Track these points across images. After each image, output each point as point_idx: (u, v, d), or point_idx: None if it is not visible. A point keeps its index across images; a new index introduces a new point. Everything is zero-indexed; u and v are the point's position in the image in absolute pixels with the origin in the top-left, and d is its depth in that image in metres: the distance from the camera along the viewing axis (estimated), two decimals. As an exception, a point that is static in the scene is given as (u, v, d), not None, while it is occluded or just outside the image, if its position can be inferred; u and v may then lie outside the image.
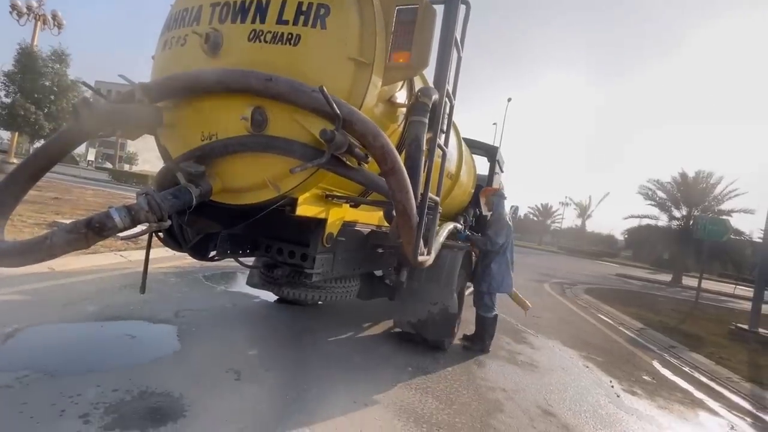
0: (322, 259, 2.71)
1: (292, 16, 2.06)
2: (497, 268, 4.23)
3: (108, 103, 2.10)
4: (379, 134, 1.92)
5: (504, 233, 4.25)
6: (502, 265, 4.25)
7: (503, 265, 4.25)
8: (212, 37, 2.15)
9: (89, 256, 5.20)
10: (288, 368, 3.06)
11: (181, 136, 2.35)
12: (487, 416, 2.86)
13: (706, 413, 3.73)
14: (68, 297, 3.70)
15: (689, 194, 22.45)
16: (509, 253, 4.30)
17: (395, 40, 2.20)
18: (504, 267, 4.25)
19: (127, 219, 1.88)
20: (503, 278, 4.24)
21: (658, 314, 8.92)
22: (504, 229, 4.27)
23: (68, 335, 3.04)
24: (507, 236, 4.28)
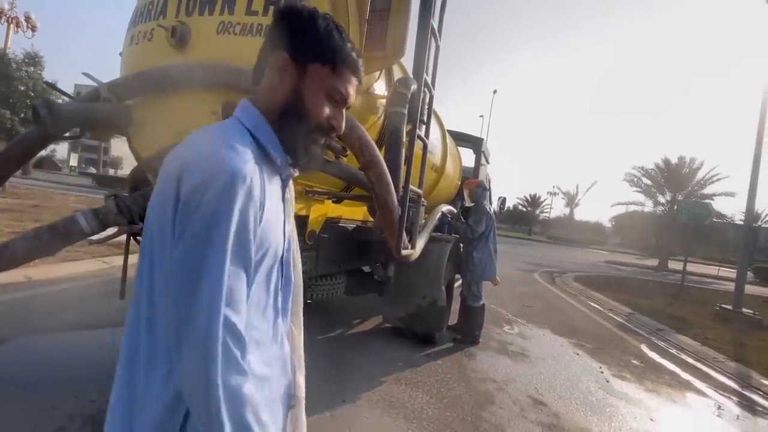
0: (304, 257, 2.65)
1: (262, 6, 1.98)
2: (479, 257, 4.26)
3: (71, 104, 2.01)
4: (355, 126, 1.87)
5: (484, 222, 4.29)
6: (484, 254, 4.27)
7: (485, 253, 4.28)
8: (179, 30, 2.06)
9: (70, 264, 5.06)
10: (276, 369, 3.00)
11: (152, 135, 2.26)
12: (478, 408, 2.85)
13: (693, 394, 3.78)
14: (46, 307, 3.58)
15: (673, 180, 22.86)
16: (491, 243, 4.31)
17: (370, 29, 2.14)
18: (486, 255, 4.28)
19: (94, 223, 1.80)
20: (486, 266, 4.27)
21: (646, 299, 9.06)
22: (484, 217, 4.29)
23: (45, 346, 2.93)
24: (487, 225, 4.31)
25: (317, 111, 0.75)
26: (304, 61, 0.73)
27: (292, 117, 0.74)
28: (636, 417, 3.08)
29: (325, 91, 0.74)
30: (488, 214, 4.37)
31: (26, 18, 16.36)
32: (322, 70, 0.73)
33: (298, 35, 0.72)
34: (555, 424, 2.79)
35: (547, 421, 2.81)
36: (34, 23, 16.58)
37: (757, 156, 7.66)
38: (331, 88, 0.75)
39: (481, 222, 4.29)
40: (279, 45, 0.72)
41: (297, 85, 0.73)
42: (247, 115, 0.74)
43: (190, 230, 0.61)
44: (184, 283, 0.60)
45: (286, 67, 0.72)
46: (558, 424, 2.80)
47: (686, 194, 22.21)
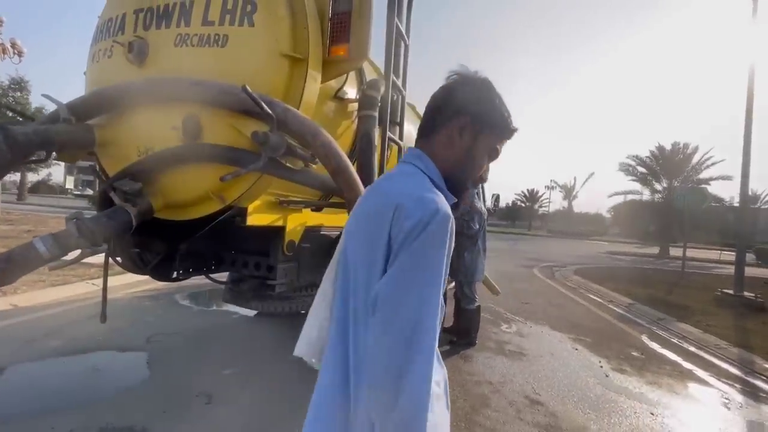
0: (284, 268, 2.59)
1: (218, 16, 1.94)
2: (470, 257, 4.20)
3: (28, 127, 1.95)
4: (319, 132, 1.82)
5: (477, 219, 4.23)
6: (473, 254, 4.21)
7: (475, 253, 4.22)
8: (136, 45, 2.02)
9: (58, 288, 5.00)
10: (263, 385, 2.93)
11: (117, 154, 2.22)
12: (473, 413, 2.78)
13: (695, 384, 3.71)
14: (29, 334, 3.51)
15: (668, 166, 22.82)
16: (481, 242, 4.25)
17: (333, 33, 2.10)
18: (476, 255, 4.22)
19: (54, 248, 1.74)
20: (476, 266, 4.21)
21: (647, 288, 8.98)
22: (476, 216, 4.25)
23: (25, 376, 2.86)
24: (480, 222, 4.26)
25: (480, 167, 0.92)
26: (481, 129, 0.87)
27: (461, 170, 0.89)
28: (636, 412, 3.00)
29: (488, 152, 0.91)
30: (480, 214, 4.31)
31: (12, 44, 16.34)
32: (492, 137, 0.89)
33: (480, 105, 0.86)
34: (552, 424, 2.72)
35: (544, 422, 2.73)
36: (20, 49, 16.48)
37: (747, 138, 7.62)
38: (493, 150, 0.92)
39: (475, 220, 4.25)
40: (463, 109, 0.86)
41: (470, 146, 0.88)
42: (424, 164, 0.87)
43: (409, 254, 0.71)
44: (404, 310, 0.70)
45: (466, 129, 0.86)
46: (555, 423, 2.73)
47: (682, 180, 22.16)
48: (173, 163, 1.96)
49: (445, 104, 0.88)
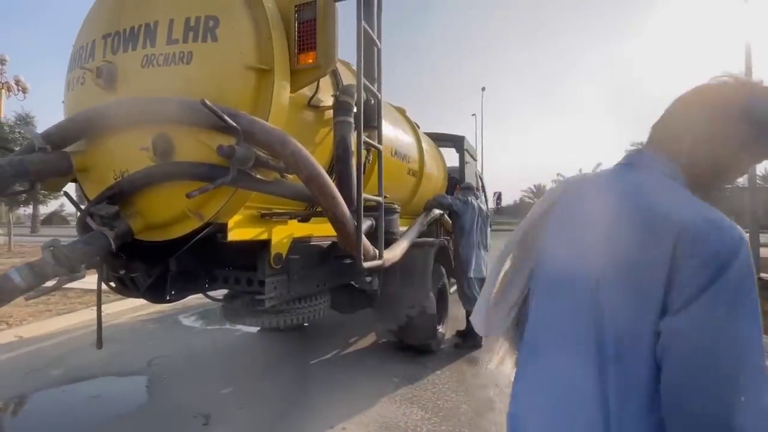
0: (273, 281, 2.56)
1: (182, 33, 1.94)
2: (464, 252, 4.16)
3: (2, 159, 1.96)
4: (287, 141, 1.79)
5: (467, 209, 4.25)
6: (466, 248, 4.16)
7: (467, 247, 4.16)
8: (104, 70, 2.03)
9: (64, 317, 5.04)
10: (263, 402, 2.89)
11: (96, 179, 2.22)
12: (477, 417, 2.69)
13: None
14: (32, 364, 3.52)
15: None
16: (475, 236, 4.18)
17: (300, 41, 2.09)
18: (469, 249, 4.16)
19: (30, 277, 1.73)
20: (470, 261, 4.13)
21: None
22: (468, 208, 4.27)
23: (26, 407, 2.86)
24: (472, 217, 4.23)
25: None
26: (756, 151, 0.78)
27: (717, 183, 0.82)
28: (649, 406, 2.88)
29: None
30: (473, 207, 4.29)
31: (16, 81, 16.87)
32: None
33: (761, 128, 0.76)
34: (560, 425, 2.62)
35: (552, 423, 2.63)
36: (24, 85, 17.07)
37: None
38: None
39: (465, 208, 4.26)
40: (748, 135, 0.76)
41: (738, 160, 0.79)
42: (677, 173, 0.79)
43: (715, 294, 0.62)
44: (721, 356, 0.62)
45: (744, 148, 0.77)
46: (563, 424, 2.62)
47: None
48: (147, 184, 1.95)
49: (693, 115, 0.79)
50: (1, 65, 16.78)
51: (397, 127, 4.10)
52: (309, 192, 1.96)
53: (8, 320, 4.71)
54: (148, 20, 2.01)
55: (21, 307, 5.15)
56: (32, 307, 5.25)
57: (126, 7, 2.13)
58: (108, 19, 2.17)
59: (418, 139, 4.68)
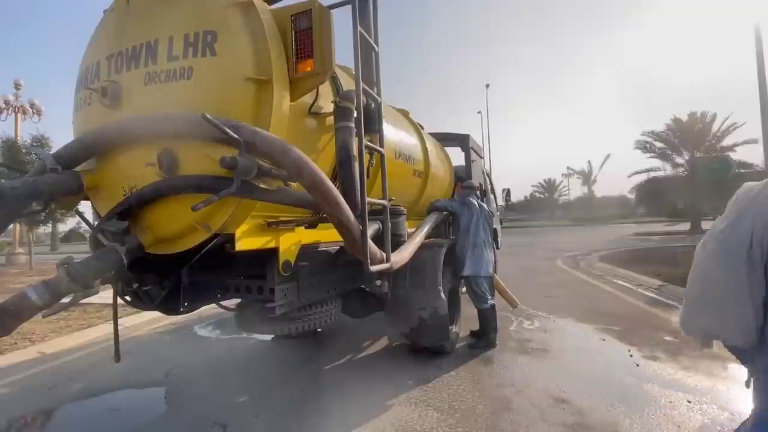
0: (283, 289, 2.57)
1: (182, 50, 1.98)
2: (459, 251, 4.15)
3: (16, 181, 2.02)
4: (288, 149, 1.81)
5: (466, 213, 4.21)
6: (461, 248, 4.14)
7: (462, 247, 4.14)
8: (109, 90, 2.08)
9: (82, 332, 5.15)
10: (279, 409, 2.91)
11: (106, 196, 2.27)
12: (493, 418, 2.66)
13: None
14: (54, 380, 3.61)
15: (687, 138, 21.94)
16: (473, 236, 4.11)
17: (297, 50, 2.11)
18: (463, 249, 4.12)
19: (46, 295, 1.78)
20: (463, 260, 4.09)
21: (677, 267, 8.53)
22: (456, 201, 4.33)
23: (48, 422, 2.93)
24: (468, 215, 4.19)
25: None
26: None
27: None
28: (671, 401, 2.81)
29: None
30: (470, 207, 4.25)
31: (31, 105, 17.37)
32: None
33: None
34: (578, 422, 2.57)
35: (570, 421, 2.59)
36: (38, 108, 17.57)
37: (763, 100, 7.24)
38: None
39: (462, 209, 4.24)
40: None
41: None
42: None
43: None
44: None
45: None
46: (582, 422, 2.58)
47: (705, 150, 21.22)
48: (154, 199, 1.99)
49: None
50: (15, 89, 17.30)
51: (399, 129, 4.10)
52: (313, 199, 1.97)
53: (31, 337, 4.83)
54: (148, 38, 2.06)
55: (43, 324, 5.28)
56: (53, 324, 5.39)
57: (127, 27, 2.19)
58: (111, 39, 2.23)
59: (422, 139, 4.67)
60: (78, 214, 2.44)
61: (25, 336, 4.83)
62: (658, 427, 2.48)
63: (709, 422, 2.52)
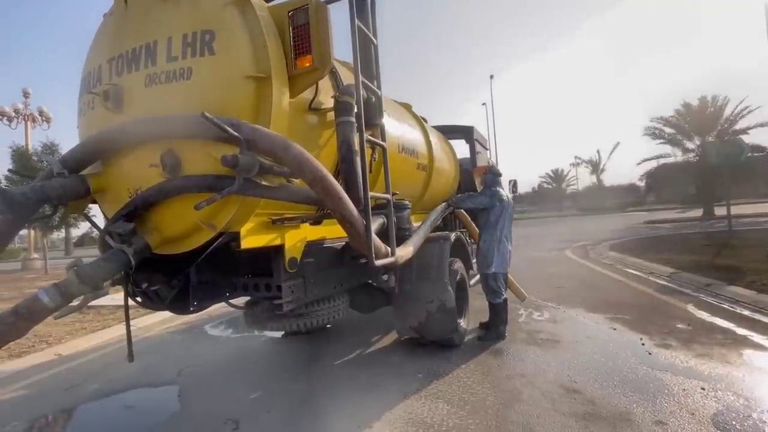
0: (290, 285, 2.59)
1: (180, 50, 1.99)
2: (485, 246, 4.06)
3: (24, 187, 2.06)
4: (289, 146, 1.81)
5: (487, 198, 4.07)
6: (488, 243, 4.04)
7: (489, 242, 4.04)
8: (111, 92, 2.10)
9: (97, 333, 5.25)
10: (290, 405, 2.93)
11: (113, 198, 2.30)
12: (504, 409, 2.65)
13: (752, 350, 3.40)
14: (70, 381, 3.69)
15: (698, 122, 21.48)
16: (500, 230, 4.05)
17: (296, 46, 2.10)
18: (491, 244, 4.02)
19: (57, 297, 1.82)
20: (492, 256, 4.00)
21: (690, 254, 8.42)
22: (486, 197, 4.08)
23: (65, 422, 3.00)
24: (498, 209, 4.03)
25: None
26: None
27: None
28: (684, 389, 2.77)
29: None
30: (499, 198, 4.06)
31: (40, 112, 17.65)
32: None
33: None
34: (590, 412, 2.55)
35: (582, 411, 2.57)
36: (47, 116, 17.86)
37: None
38: None
39: (483, 197, 4.09)
40: None
41: None
42: None
43: None
44: None
45: None
46: (594, 411, 2.56)
47: (717, 134, 20.76)
48: (159, 200, 2.01)
49: None
50: (24, 98, 17.59)
51: (402, 122, 4.08)
52: (315, 194, 1.97)
53: (47, 339, 4.94)
54: (148, 40, 2.07)
55: (59, 326, 5.40)
56: (69, 326, 5.50)
57: (127, 30, 2.20)
58: (111, 42, 2.25)
59: (425, 133, 4.65)
60: (86, 217, 2.48)
61: (42, 338, 4.94)
62: (672, 415, 2.45)
63: (724, 409, 2.48)
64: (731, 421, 2.34)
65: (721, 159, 10.62)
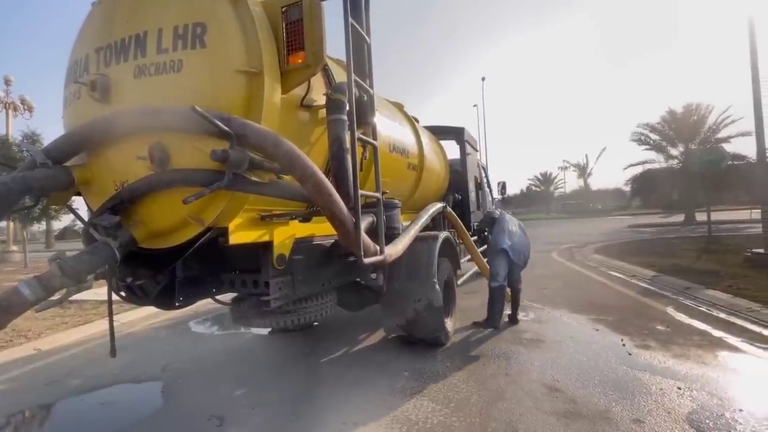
0: (278, 282, 2.58)
1: (171, 42, 1.97)
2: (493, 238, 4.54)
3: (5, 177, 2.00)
4: (280, 142, 1.81)
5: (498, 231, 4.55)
6: (498, 235, 4.48)
7: (498, 232, 4.50)
8: (99, 83, 2.06)
9: (78, 328, 5.15)
10: (275, 402, 2.93)
11: (98, 191, 2.26)
12: (488, 407, 2.69)
13: (726, 351, 3.51)
14: (51, 376, 3.61)
15: (682, 130, 22.00)
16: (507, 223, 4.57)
17: (288, 42, 2.10)
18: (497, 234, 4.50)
19: (38, 290, 1.78)
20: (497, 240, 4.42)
21: (671, 257, 8.64)
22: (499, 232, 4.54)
23: (45, 416, 2.94)
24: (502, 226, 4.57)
25: None
26: None
27: None
28: (662, 388, 2.86)
29: None
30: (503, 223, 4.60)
31: (21, 101, 17.15)
32: None
33: None
34: (571, 410, 2.61)
35: (563, 409, 2.63)
36: (29, 105, 17.36)
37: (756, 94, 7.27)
38: None
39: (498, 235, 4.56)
40: None
41: None
42: None
43: None
44: None
45: None
46: (575, 410, 2.62)
47: (700, 142, 21.29)
48: (146, 193, 1.98)
49: None
50: (6, 86, 17.07)
51: (394, 122, 4.10)
52: (305, 191, 1.97)
53: (27, 334, 4.82)
54: (137, 31, 2.04)
55: (38, 321, 5.28)
56: (49, 320, 5.38)
57: (116, 20, 2.16)
58: (99, 32, 2.21)
59: (416, 133, 4.67)
60: (70, 209, 2.43)
61: (21, 333, 4.82)
62: (649, 413, 2.52)
63: (698, 408, 2.56)
64: (705, 420, 2.42)
65: (703, 166, 10.93)
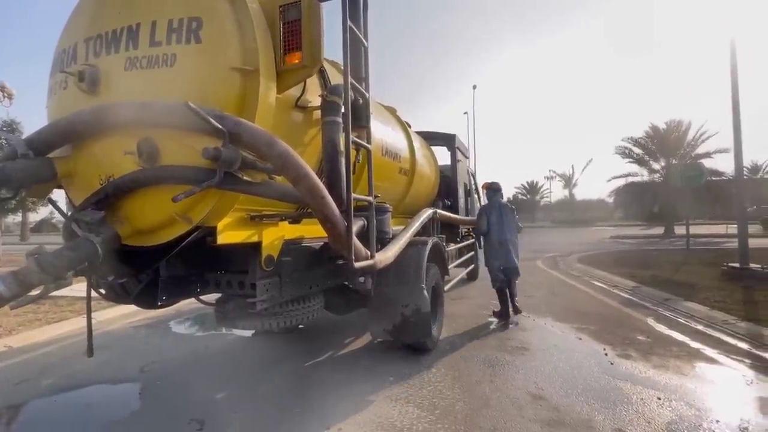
0: (265, 284, 2.54)
1: (165, 35, 1.92)
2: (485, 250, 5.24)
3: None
4: (274, 142, 1.78)
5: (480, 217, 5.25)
6: (488, 248, 5.16)
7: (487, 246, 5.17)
8: (87, 73, 2.00)
9: (53, 326, 4.97)
10: (257, 406, 2.87)
11: (81, 185, 2.19)
12: (472, 414, 2.70)
13: (704, 363, 3.60)
14: (22, 374, 3.47)
15: (664, 145, 22.69)
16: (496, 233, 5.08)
17: (285, 42, 2.08)
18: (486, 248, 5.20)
19: (14, 286, 1.71)
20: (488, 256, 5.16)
21: (651, 269, 8.85)
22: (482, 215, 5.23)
23: (15, 417, 2.81)
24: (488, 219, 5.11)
25: None
26: None
27: None
28: (642, 398, 2.91)
29: None
30: (486, 209, 5.22)
31: (1, 88, 16.55)
32: None
33: None
34: (555, 418, 2.63)
35: (546, 417, 2.65)
36: (9, 92, 16.72)
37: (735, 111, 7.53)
38: None
39: (481, 218, 5.22)
40: None
41: None
42: None
43: None
44: None
45: None
46: (558, 418, 2.64)
47: (680, 157, 21.98)
48: (133, 189, 1.93)
49: None
50: (-15, 71, 16.46)
51: (387, 126, 4.10)
52: (297, 193, 1.95)
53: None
54: (130, 22, 1.99)
55: (10, 317, 5.08)
56: (21, 317, 5.18)
57: (108, 10, 2.11)
58: (90, 21, 2.15)
59: (409, 138, 4.68)
60: (51, 202, 2.35)
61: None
62: (630, 423, 2.56)
63: (677, 418, 2.61)
64: (683, 430, 2.47)
65: (683, 181, 11.26)
